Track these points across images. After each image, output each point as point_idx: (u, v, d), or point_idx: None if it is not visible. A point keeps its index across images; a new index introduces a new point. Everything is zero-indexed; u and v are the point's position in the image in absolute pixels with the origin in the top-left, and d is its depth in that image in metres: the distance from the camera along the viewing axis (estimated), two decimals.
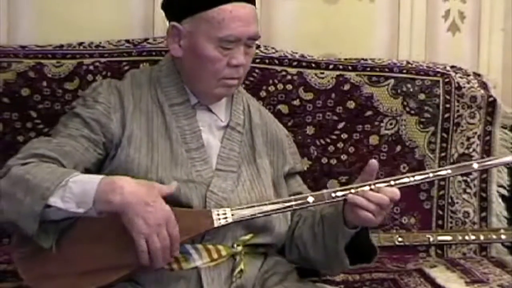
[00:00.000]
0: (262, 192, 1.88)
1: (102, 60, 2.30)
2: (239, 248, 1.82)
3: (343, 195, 1.76)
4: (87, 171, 1.79)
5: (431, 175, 1.81)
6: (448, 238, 2.38)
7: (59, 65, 2.28)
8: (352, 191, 1.75)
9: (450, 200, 2.46)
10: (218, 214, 1.75)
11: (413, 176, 1.79)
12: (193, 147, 1.85)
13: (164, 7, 1.92)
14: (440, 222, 2.45)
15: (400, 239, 2.34)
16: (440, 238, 2.37)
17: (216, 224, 1.74)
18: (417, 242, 2.36)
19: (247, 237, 1.83)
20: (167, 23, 1.91)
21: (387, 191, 1.74)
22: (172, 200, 1.72)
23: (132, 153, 1.80)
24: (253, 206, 1.76)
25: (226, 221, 1.74)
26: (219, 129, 1.91)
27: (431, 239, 2.36)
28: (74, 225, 1.72)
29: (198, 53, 1.83)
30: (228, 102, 1.95)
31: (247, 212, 1.75)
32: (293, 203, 1.77)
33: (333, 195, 1.77)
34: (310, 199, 1.77)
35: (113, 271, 1.69)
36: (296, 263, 1.97)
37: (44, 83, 2.27)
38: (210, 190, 1.81)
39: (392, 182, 1.76)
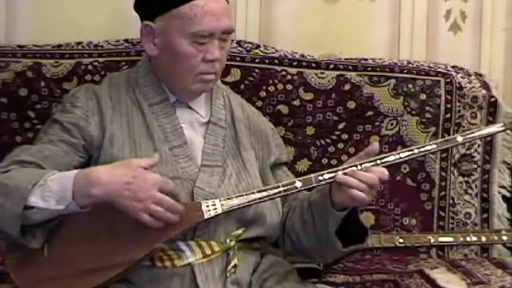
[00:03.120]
0: (249, 184, 1.88)
1: (101, 59, 2.31)
2: (232, 243, 1.82)
3: (331, 177, 1.76)
4: None
5: (416, 151, 1.80)
6: (449, 239, 2.36)
7: (57, 65, 2.29)
8: (340, 173, 1.75)
9: (451, 201, 2.46)
10: (208, 206, 1.75)
11: (398, 154, 1.78)
12: (176, 144, 1.87)
13: (136, 7, 1.93)
14: (441, 223, 2.45)
15: (401, 240, 2.33)
16: (441, 239, 2.35)
17: (206, 216, 1.75)
18: (418, 243, 2.34)
19: (239, 231, 1.84)
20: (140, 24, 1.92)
21: (376, 170, 1.74)
22: None
23: (116, 153, 1.82)
24: (242, 195, 1.77)
25: (216, 212, 1.75)
26: (201, 125, 1.92)
27: (432, 240, 2.34)
28: (63, 226, 1.74)
29: (173, 50, 1.84)
30: (207, 98, 1.96)
31: (236, 202, 1.76)
32: (281, 189, 1.78)
33: (320, 178, 1.77)
34: (298, 184, 1.77)
35: (107, 270, 1.69)
36: (291, 254, 1.98)
37: (42, 83, 2.27)
38: (197, 186, 1.82)
39: (379, 161, 1.76)
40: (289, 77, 2.40)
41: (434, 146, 1.82)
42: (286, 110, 2.38)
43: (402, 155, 1.79)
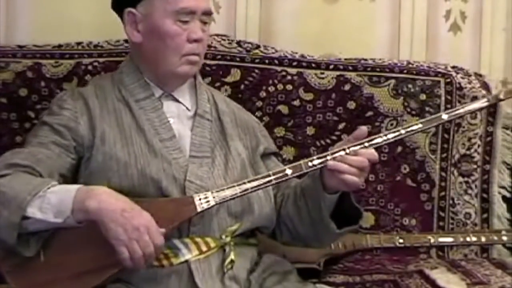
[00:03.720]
0: (237, 174, 1.90)
1: (101, 60, 2.31)
2: (228, 238, 1.83)
3: (321, 163, 1.77)
4: (62, 177, 1.82)
5: (403, 131, 1.81)
6: (449, 239, 2.36)
7: (57, 65, 2.29)
8: (329, 157, 1.76)
9: (451, 201, 2.46)
10: (200, 199, 1.76)
11: (385, 135, 1.79)
12: (165, 137, 1.88)
13: (114, 1, 1.97)
14: (441, 223, 2.46)
15: (401, 240, 2.33)
16: (441, 239, 2.35)
17: (199, 209, 1.75)
18: (418, 244, 2.34)
19: (235, 226, 1.84)
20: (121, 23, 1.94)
21: (366, 153, 1.76)
22: (152, 193, 1.78)
23: (108, 150, 1.83)
24: (234, 186, 1.77)
25: (209, 204, 1.76)
26: (188, 119, 1.94)
27: (432, 240, 2.34)
28: (58, 232, 1.73)
29: (158, 31, 1.88)
30: (191, 91, 1.98)
31: (228, 193, 1.76)
32: (272, 177, 1.78)
33: (310, 164, 1.78)
34: (289, 171, 1.78)
35: (103, 270, 1.70)
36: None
37: (42, 83, 2.27)
38: (188, 180, 1.83)
39: (367, 144, 1.77)
40: (289, 77, 2.40)
41: (420, 125, 1.82)
42: (286, 110, 2.39)
43: (390, 136, 1.79)
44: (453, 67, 2.52)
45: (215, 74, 2.36)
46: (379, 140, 1.79)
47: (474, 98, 2.45)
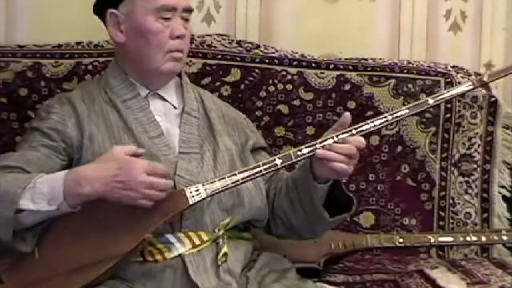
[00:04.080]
0: (227, 168, 1.91)
1: (101, 59, 2.31)
2: (220, 232, 1.84)
3: (310, 151, 1.78)
4: None
5: (389, 117, 1.83)
6: (449, 239, 2.36)
7: (57, 64, 2.29)
8: (318, 146, 1.77)
9: (451, 201, 2.46)
10: (191, 192, 1.77)
11: (372, 122, 1.81)
12: (153, 135, 1.90)
13: (96, 4, 2.00)
14: (441, 223, 2.46)
15: (401, 240, 2.33)
16: (441, 239, 2.36)
17: (191, 201, 1.76)
18: (418, 243, 2.35)
19: (227, 220, 1.85)
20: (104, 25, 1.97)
21: (353, 140, 1.77)
22: None
23: (98, 149, 1.85)
24: (224, 178, 1.78)
25: (200, 196, 1.77)
26: (176, 117, 1.95)
27: (432, 240, 2.34)
28: (51, 228, 1.76)
29: (140, 29, 1.90)
30: (178, 89, 2.00)
31: (219, 185, 1.77)
32: (262, 167, 1.79)
33: (299, 153, 1.79)
34: (278, 161, 1.79)
35: (98, 266, 1.71)
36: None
37: (42, 83, 2.27)
38: (178, 175, 1.84)
39: (354, 131, 1.79)
40: (289, 77, 2.40)
41: (406, 110, 1.84)
42: (286, 110, 2.38)
43: (377, 122, 1.82)
44: (453, 67, 2.52)
45: (215, 74, 2.35)
46: (366, 127, 1.80)
47: (474, 98, 2.46)
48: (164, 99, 1.97)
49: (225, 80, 2.35)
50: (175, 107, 1.97)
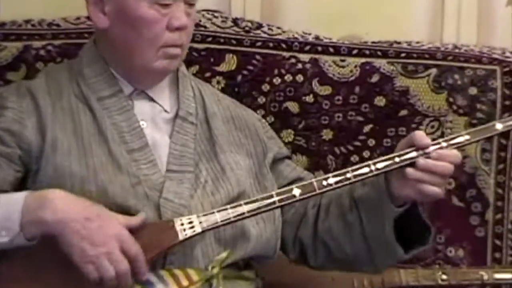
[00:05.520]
0: (230, 193, 1.76)
1: (56, 42, 2.15)
2: (215, 270, 1.69)
3: (338, 181, 1.66)
4: (3, 193, 1.67)
5: (444, 144, 1.70)
6: (508, 276, 2.16)
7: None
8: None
9: (510, 226, 2.26)
10: (183, 224, 1.63)
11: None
12: (135, 147, 1.74)
13: None
14: (497, 255, 2.25)
15: (444, 277, 2.15)
16: (497, 276, 2.16)
17: (181, 237, 1.62)
18: (467, 281, 2.15)
19: (224, 254, 1.71)
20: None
21: (448, 155, 1.67)
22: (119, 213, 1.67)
23: (60, 162, 1.70)
24: (226, 209, 1.65)
25: (194, 231, 1.63)
26: (166, 122, 1.81)
27: (486, 277, 2.15)
28: (6, 262, 1.61)
29: (130, 16, 1.73)
30: (172, 88, 1.85)
31: (219, 217, 1.63)
32: (276, 198, 1.66)
33: (324, 183, 1.67)
34: (296, 191, 1.67)
35: None
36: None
37: None
38: (164, 197, 1.70)
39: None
40: (299, 65, 2.22)
41: (467, 137, 1.72)
42: (296, 109, 2.21)
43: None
44: None
45: (204, 61, 2.20)
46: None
47: None
48: (152, 100, 1.81)
49: (217, 70, 2.19)
50: (166, 111, 1.82)
